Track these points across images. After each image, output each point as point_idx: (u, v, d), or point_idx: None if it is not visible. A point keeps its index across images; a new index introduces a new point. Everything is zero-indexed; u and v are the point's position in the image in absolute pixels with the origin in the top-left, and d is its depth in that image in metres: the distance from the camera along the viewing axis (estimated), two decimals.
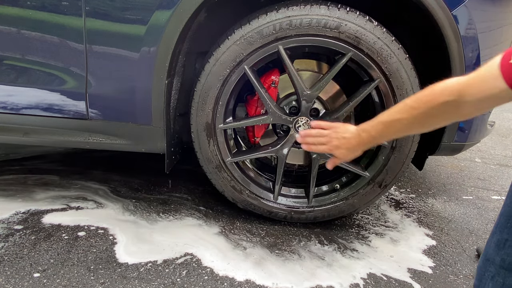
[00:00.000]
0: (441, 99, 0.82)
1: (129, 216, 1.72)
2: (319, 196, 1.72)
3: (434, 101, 0.83)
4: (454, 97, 0.79)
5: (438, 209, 2.03)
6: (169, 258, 1.46)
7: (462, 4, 1.40)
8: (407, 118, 0.90)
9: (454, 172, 2.58)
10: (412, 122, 0.90)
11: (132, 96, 1.52)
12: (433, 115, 0.86)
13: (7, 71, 1.51)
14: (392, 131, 0.99)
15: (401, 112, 0.92)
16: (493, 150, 3.13)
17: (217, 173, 1.66)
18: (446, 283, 1.46)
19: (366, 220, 1.85)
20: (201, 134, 1.60)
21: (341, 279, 1.43)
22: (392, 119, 0.95)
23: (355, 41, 1.44)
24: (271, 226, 1.73)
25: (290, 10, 1.43)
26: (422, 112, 0.86)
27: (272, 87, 1.64)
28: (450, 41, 1.44)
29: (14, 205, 1.74)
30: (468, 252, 1.66)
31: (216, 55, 1.49)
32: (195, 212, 1.80)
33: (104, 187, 1.96)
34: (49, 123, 1.56)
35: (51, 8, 1.40)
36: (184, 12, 1.39)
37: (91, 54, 1.45)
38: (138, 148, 1.61)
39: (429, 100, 0.85)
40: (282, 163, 1.65)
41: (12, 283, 1.28)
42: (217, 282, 1.36)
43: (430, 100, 0.84)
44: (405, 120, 0.91)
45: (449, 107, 0.81)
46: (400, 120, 0.93)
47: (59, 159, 2.29)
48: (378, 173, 1.64)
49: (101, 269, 1.38)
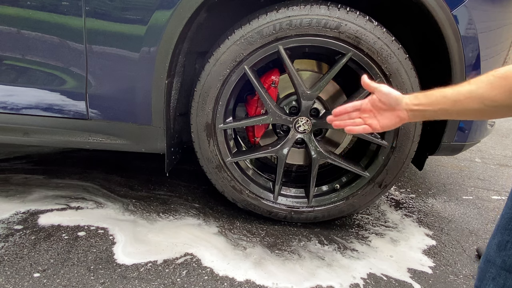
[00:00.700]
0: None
1: (129, 216, 1.72)
2: (319, 196, 1.73)
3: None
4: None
5: (438, 209, 2.03)
6: (169, 258, 1.46)
7: (462, 4, 1.40)
8: (495, 95, 0.78)
9: (454, 172, 2.58)
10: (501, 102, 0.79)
11: (132, 96, 1.52)
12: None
13: (7, 71, 1.51)
14: (460, 111, 0.87)
15: (487, 87, 0.80)
16: (493, 150, 3.13)
17: (217, 173, 1.66)
18: (446, 283, 1.46)
19: (366, 220, 1.85)
20: (201, 134, 1.60)
21: (341, 279, 1.43)
22: (470, 96, 0.83)
23: (355, 41, 1.44)
24: (271, 226, 1.73)
25: (290, 10, 1.43)
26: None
27: (272, 87, 1.64)
28: (450, 41, 1.44)
29: (14, 205, 1.74)
30: (468, 252, 1.66)
31: (216, 55, 1.49)
32: (195, 212, 1.80)
33: (104, 187, 1.96)
34: (49, 123, 1.56)
35: (51, 8, 1.40)
36: (184, 12, 1.39)
37: (91, 54, 1.45)
38: (138, 148, 1.61)
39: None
40: (282, 163, 1.65)
41: (12, 283, 1.28)
42: (217, 282, 1.36)
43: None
44: (492, 100, 0.79)
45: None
46: (482, 98, 0.81)
47: (59, 159, 2.29)
48: (378, 173, 1.64)
49: (101, 269, 1.38)
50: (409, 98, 0.98)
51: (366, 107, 1.06)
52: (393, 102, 1.00)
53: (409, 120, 1.00)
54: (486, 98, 0.81)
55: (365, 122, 1.07)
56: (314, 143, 1.63)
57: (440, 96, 0.90)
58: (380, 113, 1.04)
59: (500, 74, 0.79)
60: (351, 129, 1.09)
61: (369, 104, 1.05)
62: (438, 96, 0.91)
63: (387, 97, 1.01)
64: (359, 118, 1.08)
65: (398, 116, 1.01)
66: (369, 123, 1.06)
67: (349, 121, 1.09)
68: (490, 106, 0.81)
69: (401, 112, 0.99)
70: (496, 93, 0.79)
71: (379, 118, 1.05)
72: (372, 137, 1.60)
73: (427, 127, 1.65)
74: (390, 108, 1.01)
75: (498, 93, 0.79)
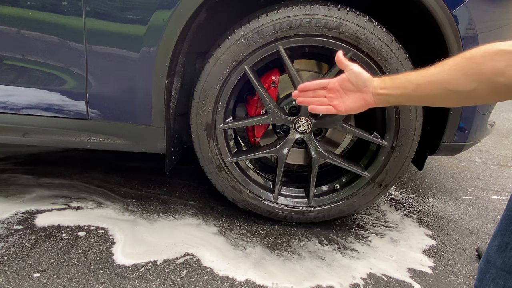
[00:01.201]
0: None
1: (129, 216, 1.72)
2: (319, 196, 1.73)
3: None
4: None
5: (438, 209, 2.03)
6: (169, 258, 1.46)
7: (462, 4, 1.40)
8: (458, 80, 0.74)
9: (454, 172, 2.58)
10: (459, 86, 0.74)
11: (132, 96, 1.52)
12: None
13: (7, 71, 1.51)
14: (422, 97, 0.83)
15: (450, 70, 0.75)
16: (493, 150, 3.13)
17: (217, 173, 1.66)
18: (446, 283, 1.46)
19: (366, 220, 1.85)
20: (201, 134, 1.60)
21: (341, 279, 1.43)
22: (431, 80, 0.79)
23: (355, 41, 1.44)
24: (271, 226, 1.73)
25: (290, 10, 1.43)
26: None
27: (272, 87, 1.64)
28: (450, 41, 1.44)
29: (14, 205, 1.74)
30: (468, 252, 1.66)
31: (216, 55, 1.49)
32: (195, 212, 1.80)
33: (104, 187, 1.96)
34: (49, 123, 1.56)
35: (51, 8, 1.40)
36: (184, 12, 1.39)
37: (91, 54, 1.45)
38: (138, 148, 1.61)
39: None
40: (282, 163, 1.65)
41: (12, 283, 1.28)
42: (217, 282, 1.36)
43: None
44: (453, 84, 0.74)
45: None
46: (444, 82, 0.76)
47: (59, 159, 2.29)
48: (378, 173, 1.64)
49: (101, 269, 1.38)
50: (377, 81, 0.95)
51: (333, 87, 1.02)
52: (361, 83, 0.96)
53: (375, 105, 0.96)
54: (449, 83, 0.76)
55: (330, 102, 1.02)
56: (314, 143, 1.63)
57: (404, 80, 0.87)
58: (347, 94, 1.00)
59: (467, 54, 0.74)
60: (314, 108, 1.05)
61: (336, 84, 1.01)
62: (402, 80, 0.87)
63: (356, 77, 0.97)
64: (325, 97, 1.03)
65: (363, 99, 0.97)
66: (334, 104, 1.02)
67: (314, 99, 1.05)
68: (453, 91, 0.76)
69: (367, 95, 0.96)
70: (460, 77, 0.74)
71: (345, 99, 1.00)
72: (372, 137, 1.60)
73: (427, 127, 1.65)
74: (357, 89, 0.97)
75: (462, 77, 0.74)
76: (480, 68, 0.71)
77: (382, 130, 1.60)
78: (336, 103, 1.01)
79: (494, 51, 0.70)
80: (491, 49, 0.71)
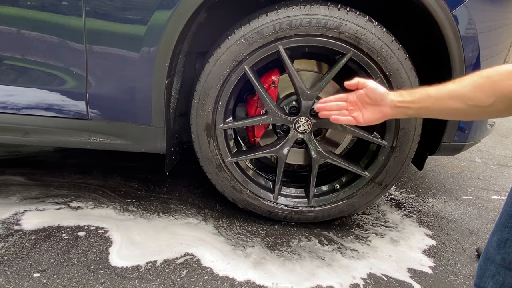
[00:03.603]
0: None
1: (129, 216, 1.72)
2: (319, 196, 1.73)
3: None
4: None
5: (438, 209, 2.03)
6: (169, 258, 1.46)
7: (462, 4, 1.40)
8: (477, 95, 0.81)
9: (454, 172, 2.58)
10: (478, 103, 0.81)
11: (132, 96, 1.52)
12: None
13: (7, 71, 1.51)
14: (441, 110, 0.90)
15: (470, 87, 0.83)
16: (493, 150, 3.13)
17: (217, 173, 1.66)
18: (446, 283, 1.46)
19: (366, 220, 1.85)
20: (201, 134, 1.60)
21: (341, 279, 1.43)
22: (451, 95, 0.86)
23: (355, 41, 1.44)
24: (271, 226, 1.73)
25: (290, 10, 1.43)
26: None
27: (272, 87, 1.64)
28: (450, 41, 1.44)
29: (14, 205, 1.74)
30: (468, 252, 1.66)
31: (216, 55, 1.49)
32: (195, 212, 1.80)
33: (104, 186, 1.96)
34: (49, 123, 1.56)
35: (51, 8, 1.40)
36: (184, 12, 1.39)
37: (91, 54, 1.45)
38: (138, 148, 1.61)
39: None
40: (282, 163, 1.65)
41: (12, 283, 1.28)
42: (217, 282, 1.36)
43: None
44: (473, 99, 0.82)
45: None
46: (463, 97, 0.83)
47: (59, 159, 2.29)
48: (378, 173, 1.64)
49: (101, 269, 1.38)
50: (394, 95, 1.02)
51: (352, 100, 1.12)
52: (378, 97, 1.05)
53: (392, 117, 1.05)
54: (468, 97, 0.83)
55: (350, 114, 1.12)
56: (314, 143, 1.63)
57: (423, 94, 0.93)
58: (365, 107, 1.09)
59: (484, 73, 0.82)
60: (336, 119, 1.15)
61: (355, 97, 1.11)
62: (421, 94, 0.94)
63: (373, 93, 1.05)
64: (345, 109, 1.14)
65: (381, 112, 1.05)
66: (354, 116, 1.11)
67: (336, 112, 1.16)
68: (472, 105, 0.83)
69: (385, 108, 1.04)
70: (478, 93, 0.82)
71: (363, 112, 1.10)
72: (372, 137, 1.60)
73: (427, 127, 1.65)
74: (375, 103, 1.06)
75: (480, 93, 0.81)
76: (496, 85, 0.79)
77: (382, 130, 1.60)
78: (355, 115, 1.11)
79: (509, 71, 0.78)
80: (506, 69, 0.78)
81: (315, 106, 1.21)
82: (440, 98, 0.89)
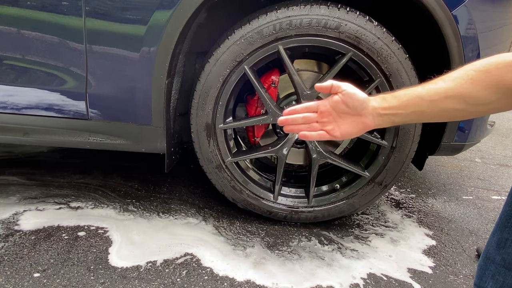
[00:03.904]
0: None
1: (129, 215, 1.72)
2: (319, 196, 1.73)
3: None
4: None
5: (438, 209, 2.03)
6: (169, 258, 1.46)
7: (462, 4, 1.40)
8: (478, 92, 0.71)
9: (454, 172, 2.58)
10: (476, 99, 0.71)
11: (132, 96, 1.52)
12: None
13: (7, 71, 1.51)
14: (438, 112, 0.77)
15: (467, 84, 0.72)
16: (493, 150, 3.13)
17: (217, 173, 1.66)
18: (446, 283, 1.46)
19: (366, 220, 1.85)
20: (201, 134, 1.60)
21: (341, 279, 1.43)
22: (448, 95, 0.74)
23: (355, 41, 1.44)
24: (271, 226, 1.73)
25: (290, 10, 1.43)
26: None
27: (272, 87, 1.64)
28: (450, 41, 1.44)
29: (14, 205, 1.74)
30: (468, 252, 1.66)
31: (216, 55, 1.49)
32: (195, 212, 1.80)
33: (104, 186, 1.96)
34: (49, 123, 1.56)
35: (51, 8, 1.40)
36: (184, 12, 1.39)
37: (91, 54, 1.45)
38: (138, 148, 1.61)
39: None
40: (282, 163, 1.65)
41: (12, 283, 1.28)
42: (217, 282, 1.36)
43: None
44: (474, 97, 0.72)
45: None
46: (463, 96, 0.73)
47: (59, 159, 2.29)
48: (378, 173, 1.64)
49: (101, 269, 1.38)
50: (376, 101, 0.83)
51: (324, 110, 0.87)
52: (359, 105, 0.83)
53: (375, 127, 0.85)
54: (468, 96, 0.73)
55: (323, 127, 0.88)
56: (314, 143, 1.63)
57: (413, 97, 0.79)
58: (341, 117, 0.86)
59: (481, 67, 0.72)
60: (305, 135, 0.89)
61: (328, 106, 0.86)
62: (411, 97, 0.79)
63: (352, 99, 0.84)
64: (316, 122, 0.88)
65: (362, 122, 0.85)
66: (327, 130, 0.87)
67: (303, 126, 0.89)
68: (473, 104, 0.74)
69: (367, 117, 0.84)
70: (479, 90, 0.72)
71: (340, 124, 0.86)
72: (372, 137, 1.60)
73: (427, 127, 1.65)
74: (355, 112, 0.84)
75: (481, 89, 0.72)
76: (499, 80, 0.70)
77: (382, 130, 1.60)
78: (329, 128, 0.87)
79: (508, 63, 0.69)
80: (504, 60, 0.70)
81: (278, 119, 0.92)
82: (435, 100, 0.76)
